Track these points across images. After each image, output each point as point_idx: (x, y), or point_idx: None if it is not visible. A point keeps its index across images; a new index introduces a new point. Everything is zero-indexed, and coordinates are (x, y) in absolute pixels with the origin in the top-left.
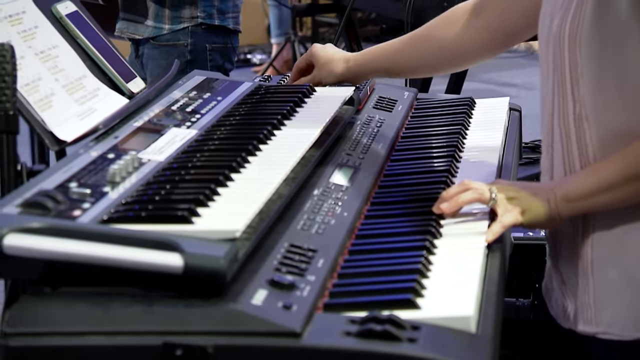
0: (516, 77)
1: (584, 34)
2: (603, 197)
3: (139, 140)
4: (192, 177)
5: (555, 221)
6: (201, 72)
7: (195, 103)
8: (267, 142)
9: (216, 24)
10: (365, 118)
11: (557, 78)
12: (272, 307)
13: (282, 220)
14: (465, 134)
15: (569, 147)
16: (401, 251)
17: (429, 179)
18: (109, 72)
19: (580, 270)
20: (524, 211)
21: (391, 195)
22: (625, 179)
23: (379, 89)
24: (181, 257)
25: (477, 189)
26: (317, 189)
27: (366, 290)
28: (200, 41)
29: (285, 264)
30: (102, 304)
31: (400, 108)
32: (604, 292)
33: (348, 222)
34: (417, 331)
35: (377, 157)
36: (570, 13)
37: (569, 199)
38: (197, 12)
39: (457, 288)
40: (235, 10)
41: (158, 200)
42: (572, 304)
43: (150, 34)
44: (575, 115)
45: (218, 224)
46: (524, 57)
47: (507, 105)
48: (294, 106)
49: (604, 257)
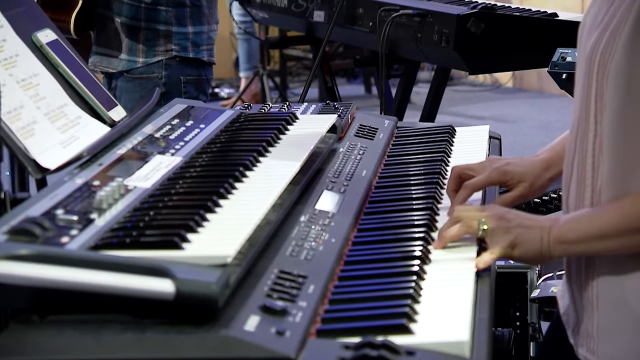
0: (483, 110)
1: (613, 66)
2: (597, 245)
3: (123, 168)
4: (180, 204)
5: (544, 259)
6: (182, 101)
7: (178, 131)
8: (253, 169)
9: (190, 57)
10: (348, 146)
11: (585, 103)
12: (266, 333)
13: (270, 246)
14: (448, 161)
15: (584, 174)
16: (391, 277)
17: (414, 205)
18: (90, 101)
19: (586, 299)
20: (515, 245)
21: (377, 222)
22: (619, 231)
23: (359, 117)
24: (172, 283)
25: (466, 221)
26: (304, 216)
27: (359, 316)
28: (174, 74)
29: (276, 290)
30: (93, 332)
31: (381, 136)
32: (607, 327)
33: (336, 248)
34: (412, 356)
35: (361, 183)
36: (606, 36)
37: (562, 241)
38: (171, 45)
39: (449, 313)
40: (209, 43)
41: (147, 226)
42: (579, 326)
43: (124, 68)
44: (594, 144)
45: (209, 250)
46: (491, 91)
47: (487, 133)
48: (278, 133)
49: (608, 294)
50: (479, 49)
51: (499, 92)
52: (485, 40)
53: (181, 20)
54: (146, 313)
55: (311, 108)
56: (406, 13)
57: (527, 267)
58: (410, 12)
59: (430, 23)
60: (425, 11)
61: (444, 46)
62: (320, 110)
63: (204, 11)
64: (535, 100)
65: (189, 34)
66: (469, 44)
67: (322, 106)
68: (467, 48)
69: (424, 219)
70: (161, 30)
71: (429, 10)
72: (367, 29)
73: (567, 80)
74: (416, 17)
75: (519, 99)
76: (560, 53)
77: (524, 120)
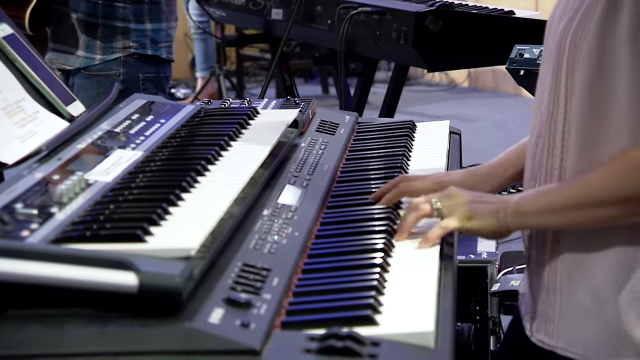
0: (439, 109)
1: (584, 46)
2: (551, 218)
3: (83, 162)
4: (142, 197)
5: (502, 232)
6: (142, 96)
7: (139, 125)
8: (215, 163)
9: (149, 54)
10: (309, 140)
11: (553, 86)
12: (230, 326)
13: (233, 240)
14: (409, 156)
15: (551, 159)
16: (355, 269)
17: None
18: (48, 95)
19: (547, 283)
20: (471, 217)
21: (340, 215)
22: (574, 205)
23: (320, 113)
24: (136, 275)
25: (419, 206)
26: (267, 209)
27: (323, 308)
28: (132, 71)
29: (240, 282)
30: (56, 326)
31: (342, 131)
32: (569, 310)
33: (300, 241)
34: (377, 347)
35: (323, 178)
36: (576, 21)
37: (519, 213)
38: (129, 42)
39: (414, 304)
40: (168, 40)
41: (109, 220)
42: (538, 312)
43: (81, 65)
44: (564, 127)
45: (172, 243)
46: (447, 91)
47: (448, 128)
48: (240, 127)
49: (572, 277)
50: (437, 47)
51: (455, 92)
52: (444, 37)
53: (139, 17)
54: (109, 306)
55: (272, 104)
56: (364, 11)
57: (487, 262)
58: (369, 10)
59: (389, 21)
60: (383, 9)
61: (402, 44)
62: (281, 105)
63: (163, 8)
64: (491, 100)
65: (147, 31)
66: (427, 42)
67: (283, 102)
68: (426, 45)
69: (386, 213)
70: (119, 27)
71: (387, 7)
72: (326, 26)
73: (525, 77)
74: (374, 15)
75: (474, 99)
76: (518, 50)
77: (480, 119)
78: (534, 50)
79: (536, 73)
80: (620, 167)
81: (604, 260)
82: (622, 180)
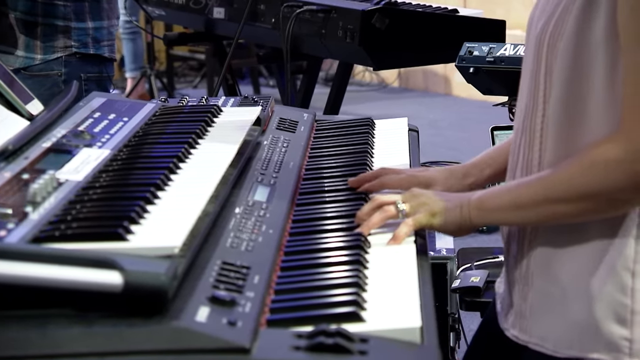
0: (371, 109)
1: (562, 44)
2: (513, 214)
3: (51, 161)
4: (118, 195)
5: (466, 227)
6: (100, 94)
7: (102, 124)
8: (185, 161)
9: (91, 53)
10: (271, 138)
11: (533, 83)
12: (217, 324)
13: (209, 238)
14: (372, 153)
15: (531, 155)
16: (334, 265)
17: (346, 196)
18: (6, 94)
19: (521, 277)
20: (435, 214)
21: (311, 213)
22: (535, 201)
23: (278, 110)
24: (120, 274)
25: (384, 208)
26: (238, 207)
27: (308, 305)
28: (74, 71)
29: (221, 281)
30: (38, 327)
31: (302, 129)
32: (540, 305)
33: (275, 238)
34: (366, 344)
35: (290, 175)
36: (554, 19)
37: (481, 208)
38: (70, 41)
39: (398, 300)
40: (110, 38)
41: (88, 219)
42: (513, 307)
43: (21, 65)
44: (542, 124)
45: (154, 241)
46: (378, 91)
47: (407, 125)
48: (206, 125)
49: (542, 270)
50: (383, 45)
51: (386, 91)
52: (390, 35)
53: (80, 15)
54: (92, 306)
55: (230, 101)
56: (310, 9)
57: (446, 258)
58: (314, 8)
59: (335, 19)
60: (329, 7)
61: (349, 42)
62: (240, 103)
63: (104, 6)
64: (421, 100)
65: (89, 30)
66: (374, 40)
67: (241, 100)
68: (372, 44)
69: (358, 210)
70: (59, 26)
71: (333, 6)
72: (270, 25)
73: (474, 74)
74: (320, 13)
75: (405, 99)
76: (467, 47)
77: (411, 119)
78: (483, 47)
79: (485, 71)
80: (584, 164)
81: (575, 256)
82: (586, 176)
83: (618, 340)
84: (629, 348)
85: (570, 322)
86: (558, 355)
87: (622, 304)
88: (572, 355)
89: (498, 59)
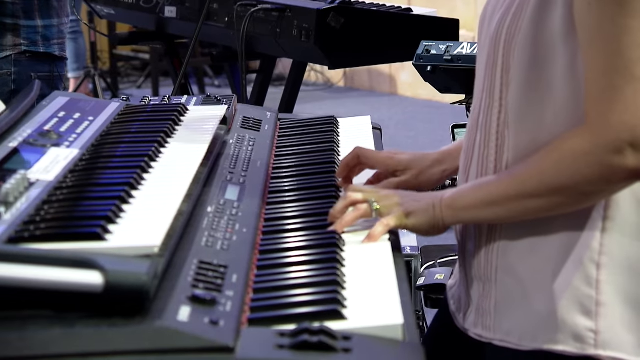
0: (317, 108)
1: (519, 39)
2: (485, 212)
3: (20, 161)
4: (93, 195)
5: (439, 227)
6: (63, 94)
7: (68, 123)
8: (156, 160)
9: (41, 52)
10: (237, 137)
11: (488, 80)
12: (200, 323)
13: (184, 237)
14: (339, 151)
15: (487, 152)
16: (311, 264)
17: (317, 194)
18: None
19: (481, 275)
20: (409, 214)
21: (282, 211)
22: (507, 197)
23: (241, 109)
24: (101, 274)
25: (357, 207)
26: (210, 206)
27: (289, 304)
28: (24, 70)
29: (200, 280)
30: (17, 329)
31: (266, 127)
32: (504, 300)
33: (249, 237)
34: (349, 341)
35: (258, 174)
36: (510, 15)
37: (453, 207)
38: (19, 39)
39: (378, 298)
40: (60, 37)
41: (64, 219)
42: (473, 306)
43: None
44: (499, 120)
45: (133, 240)
46: (323, 90)
47: (370, 124)
48: (173, 124)
49: (505, 266)
50: (339, 44)
51: (331, 91)
52: (345, 34)
53: (29, 13)
54: (72, 307)
55: (193, 100)
56: (264, 8)
57: (410, 256)
58: (269, 7)
59: (289, 18)
60: (283, 6)
61: (304, 41)
62: (203, 102)
63: (53, 4)
64: (367, 99)
65: (38, 28)
66: (329, 39)
67: (204, 98)
68: (328, 43)
69: (330, 208)
70: (8, 24)
71: (287, 5)
72: (223, 24)
73: (432, 73)
74: (274, 12)
75: (350, 98)
76: (425, 46)
77: None
78: (440, 46)
79: (443, 69)
80: (553, 158)
81: (539, 249)
82: (556, 170)
83: (583, 331)
84: (594, 339)
85: (534, 314)
86: (522, 349)
87: (587, 296)
88: (537, 347)
89: (455, 57)
